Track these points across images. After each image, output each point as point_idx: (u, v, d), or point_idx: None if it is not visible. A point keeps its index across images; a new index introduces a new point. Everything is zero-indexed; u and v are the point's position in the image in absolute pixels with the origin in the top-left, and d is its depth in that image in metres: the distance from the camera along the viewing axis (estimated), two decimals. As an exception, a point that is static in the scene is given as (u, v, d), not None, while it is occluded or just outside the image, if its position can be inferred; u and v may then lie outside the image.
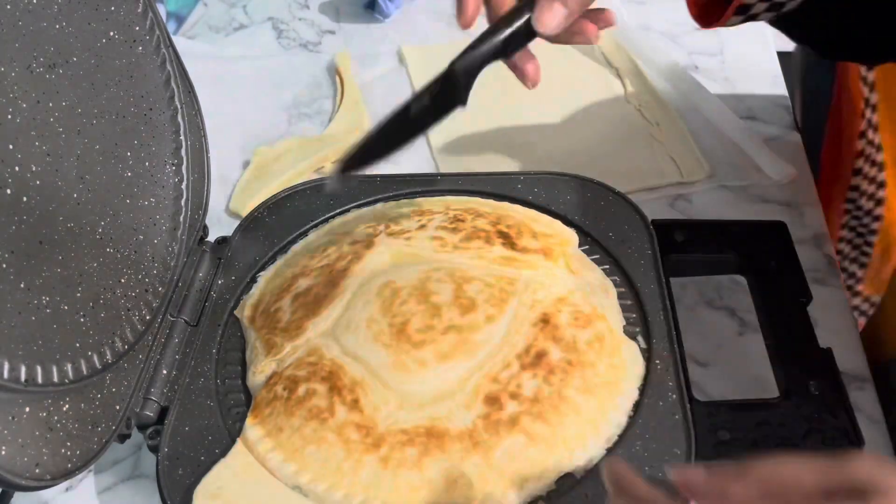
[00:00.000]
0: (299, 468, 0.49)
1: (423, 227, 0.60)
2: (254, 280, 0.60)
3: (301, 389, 0.51)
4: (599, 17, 0.49)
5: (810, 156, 0.74)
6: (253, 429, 0.51)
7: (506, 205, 0.64)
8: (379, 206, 0.65)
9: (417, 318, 0.52)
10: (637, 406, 0.50)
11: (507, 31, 0.48)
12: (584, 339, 0.52)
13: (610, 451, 0.48)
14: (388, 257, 0.58)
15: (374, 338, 0.52)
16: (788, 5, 0.52)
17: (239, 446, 0.50)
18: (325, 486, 0.48)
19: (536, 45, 0.60)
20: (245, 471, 0.49)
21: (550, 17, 0.46)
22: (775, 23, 0.56)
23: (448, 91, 0.49)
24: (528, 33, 0.48)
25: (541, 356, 0.51)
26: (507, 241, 0.58)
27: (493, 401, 0.49)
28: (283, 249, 0.62)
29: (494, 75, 0.93)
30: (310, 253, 0.60)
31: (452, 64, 0.49)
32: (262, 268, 0.61)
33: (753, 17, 0.54)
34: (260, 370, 0.53)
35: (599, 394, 0.50)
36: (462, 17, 0.49)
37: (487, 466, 0.47)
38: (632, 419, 0.50)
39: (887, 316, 0.67)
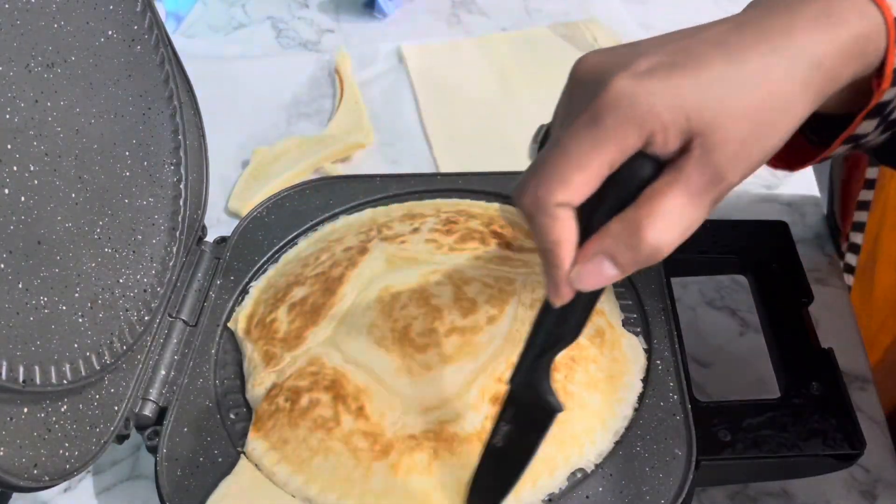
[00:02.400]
0: (307, 479, 0.48)
1: (416, 230, 0.59)
2: (246, 291, 0.60)
3: (304, 400, 0.50)
4: None
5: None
6: (257, 442, 0.50)
7: (496, 205, 0.63)
8: (368, 211, 0.64)
9: (419, 322, 0.52)
10: (641, 398, 0.50)
11: (573, 322, 0.39)
12: (584, 335, 0.52)
13: (618, 444, 0.48)
14: (384, 262, 0.57)
15: (376, 343, 0.52)
16: None
17: (244, 461, 0.49)
18: (336, 497, 0.47)
19: (536, 49, 0.58)
20: (252, 486, 0.48)
21: (593, 277, 0.36)
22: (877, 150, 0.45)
23: (533, 410, 0.42)
24: (593, 303, 0.39)
25: None
26: (503, 240, 0.58)
27: (499, 401, 0.49)
28: (274, 259, 0.62)
29: (496, 76, 0.93)
30: (302, 261, 0.60)
31: (515, 381, 0.42)
32: (254, 278, 0.61)
33: (864, 146, 0.43)
34: (259, 382, 0.53)
35: (603, 388, 0.50)
36: (556, 300, 0.38)
37: None
38: (637, 412, 0.50)
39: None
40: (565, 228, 0.36)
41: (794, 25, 0.36)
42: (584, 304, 0.39)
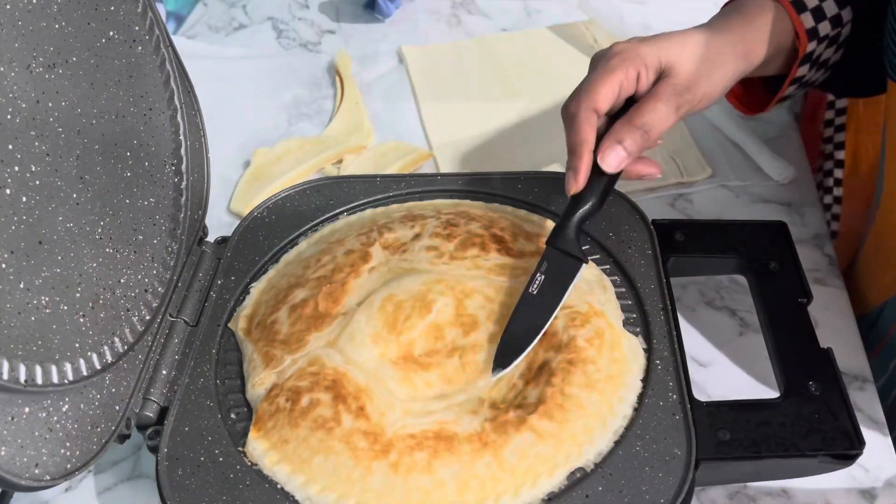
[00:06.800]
0: (308, 479, 0.48)
1: (417, 236, 0.59)
2: (247, 291, 0.60)
3: (304, 400, 0.50)
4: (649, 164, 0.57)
5: None
6: (257, 442, 0.50)
7: (495, 206, 0.64)
8: (368, 212, 0.64)
9: (422, 342, 0.53)
10: (641, 398, 0.50)
11: (593, 197, 0.55)
12: (582, 337, 0.52)
13: (617, 443, 0.49)
14: (386, 270, 0.57)
15: (380, 355, 0.52)
16: (833, 58, 0.61)
17: None
18: (336, 496, 0.47)
19: (536, 49, 0.58)
20: None
21: (612, 157, 0.54)
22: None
23: (562, 263, 0.54)
24: (609, 187, 0.55)
25: (542, 367, 0.51)
26: (503, 245, 0.58)
27: (498, 406, 0.49)
28: (275, 259, 0.62)
29: (496, 77, 0.93)
30: (303, 263, 0.60)
31: (551, 242, 0.55)
32: (255, 278, 0.61)
33: (807, 85, 0.63)
34: (259, 382, 0.53)
35: (603, 388, 0.50)
36: (573, 185, 0.55)
37: (499, 466, 0.47)
38: (636, 412, 0.50)
39: (867, 269, 0.68)
40: (591, 130, 0.55)
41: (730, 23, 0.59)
42: (602, 186, 0.55)
